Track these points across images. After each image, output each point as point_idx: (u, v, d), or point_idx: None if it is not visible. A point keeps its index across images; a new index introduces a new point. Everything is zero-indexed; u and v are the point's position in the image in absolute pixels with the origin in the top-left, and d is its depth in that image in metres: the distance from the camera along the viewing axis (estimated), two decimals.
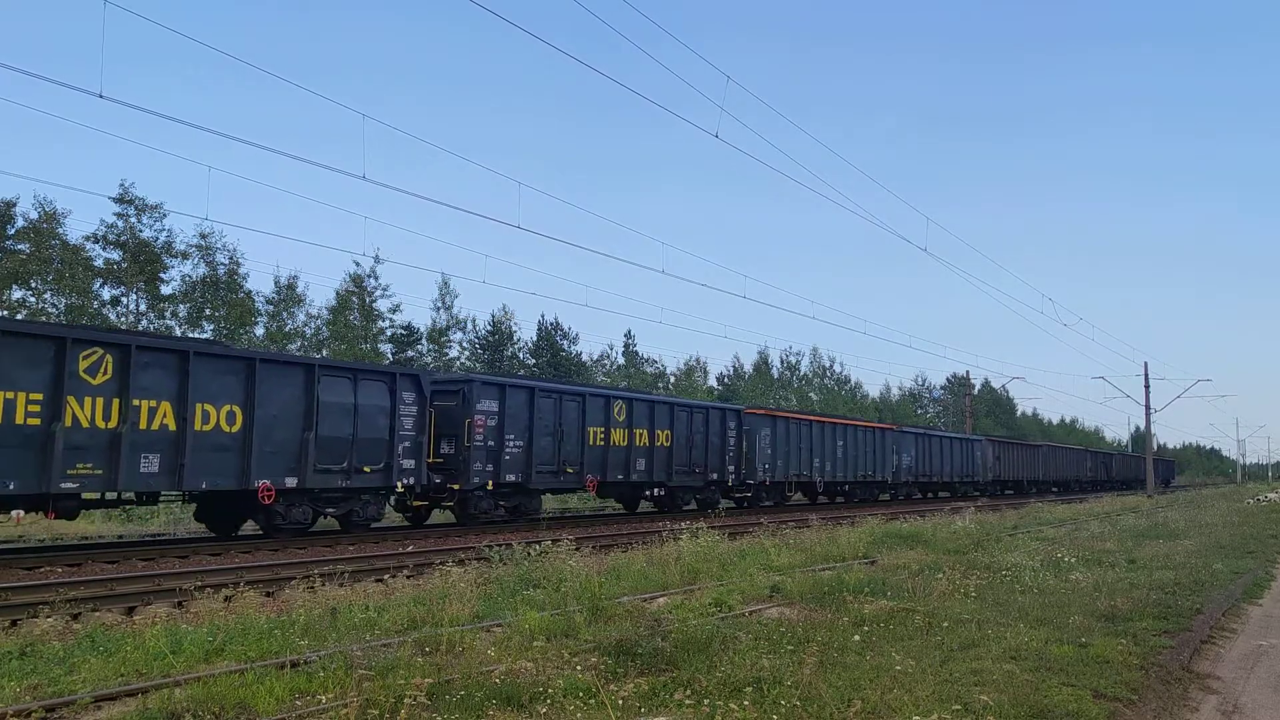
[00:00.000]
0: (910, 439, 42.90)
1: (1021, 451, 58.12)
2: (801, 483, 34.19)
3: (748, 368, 72.76)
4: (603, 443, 24.78)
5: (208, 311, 38.37)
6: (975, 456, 50.21)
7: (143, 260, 36.17)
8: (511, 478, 22.02)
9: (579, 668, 6.91)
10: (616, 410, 25.35)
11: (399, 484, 19.59)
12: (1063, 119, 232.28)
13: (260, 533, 18.53)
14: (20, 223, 33.85)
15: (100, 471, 14.76)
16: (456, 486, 20.95)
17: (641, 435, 26.17)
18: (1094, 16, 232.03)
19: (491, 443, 21.58)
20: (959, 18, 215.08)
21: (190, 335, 35.90)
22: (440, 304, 48.85)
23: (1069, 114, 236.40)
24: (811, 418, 36.18)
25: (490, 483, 21.52)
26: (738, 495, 31.49)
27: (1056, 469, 64.17)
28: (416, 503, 21.23)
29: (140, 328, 35.70)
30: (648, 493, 27.81)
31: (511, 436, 22.06)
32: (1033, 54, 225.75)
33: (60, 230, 34.35)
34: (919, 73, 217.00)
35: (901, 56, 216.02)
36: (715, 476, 29.22)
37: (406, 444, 19.70)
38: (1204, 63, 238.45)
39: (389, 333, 45.70)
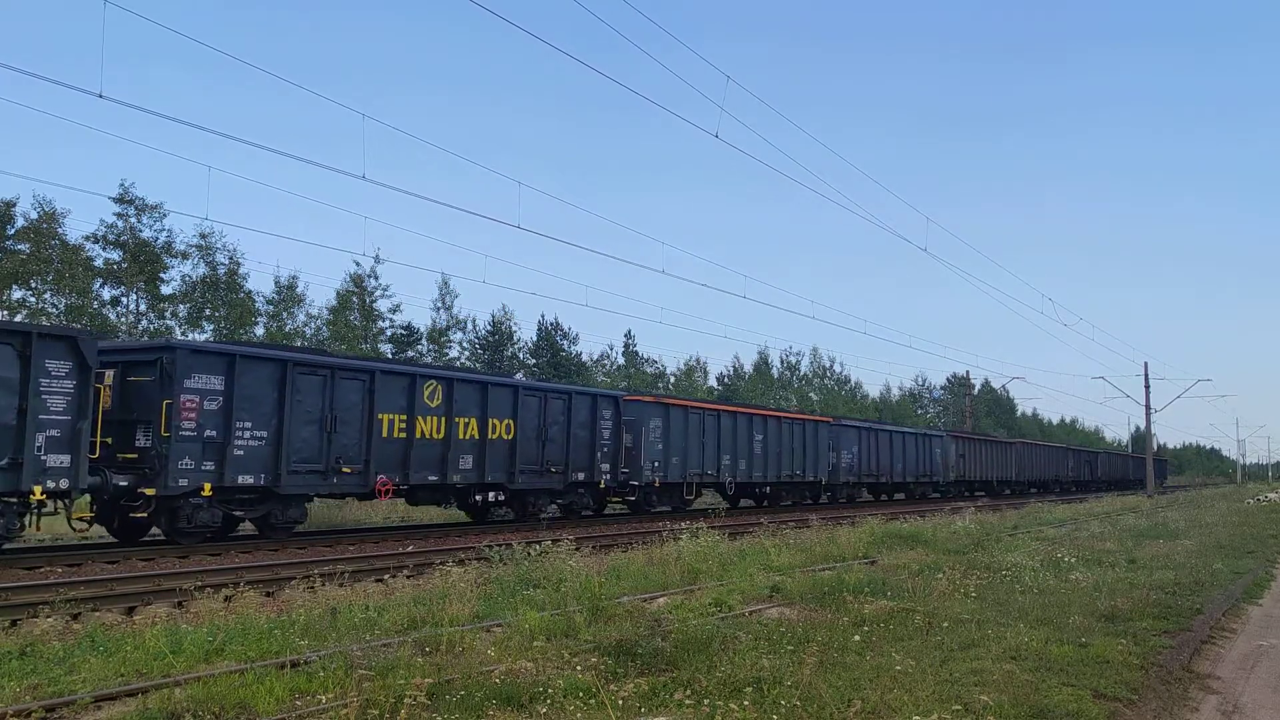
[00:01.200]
0: (852, 434, 37.93)
1: (990, 449, 52.36)
2: (708, 484, 29.71)
3: (748, 368, 72.80)
4: (404, 434, 19.45)
5: (208, 312, 38.41)
6: (934, 454, 44.69)
7: (143, 260, 36.19)
8: (248, 479, 16.81)
9: (579, 668, 6.91)
10: (427, 393, 20.04)
11: (38, 488, 14.00)
12: (1062, 119, 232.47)
13: (257, 533, 18.44)
14: (20, 223, 33.88)
15: None
16: (151, 491, 15.56)
17: (467, 425, 20.97)
18: (1093, 16, 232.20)
19: (212, 432, 16.25)
20: (959, 18, 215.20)
21: (188, 336, 35.98)
22: (440, 304, 48.90)
23: (1069, 114, 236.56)
24: (718, 407, 31.18)
25: (208, 485, 16.18)
26: (616, 499, 27.01)
27: (1032, 468, 58.98)
28: (79, 515, 15.30)
29: (140, 328, 35.76)
30: (479, 498, 21.92)
31: (247, 424, 16.76)
32: (1032, 54, 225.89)
33: (60, 230, 34.37)
34: (919, 73, 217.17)
35: (901, 57, 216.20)
36: (582, 477, 24.04)
37: (54, 433, 14.22)
38: (1204, 63, 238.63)
39: (389, 333, 45.74)
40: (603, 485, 25.12)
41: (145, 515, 16.15)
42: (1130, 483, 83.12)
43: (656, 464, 26.71)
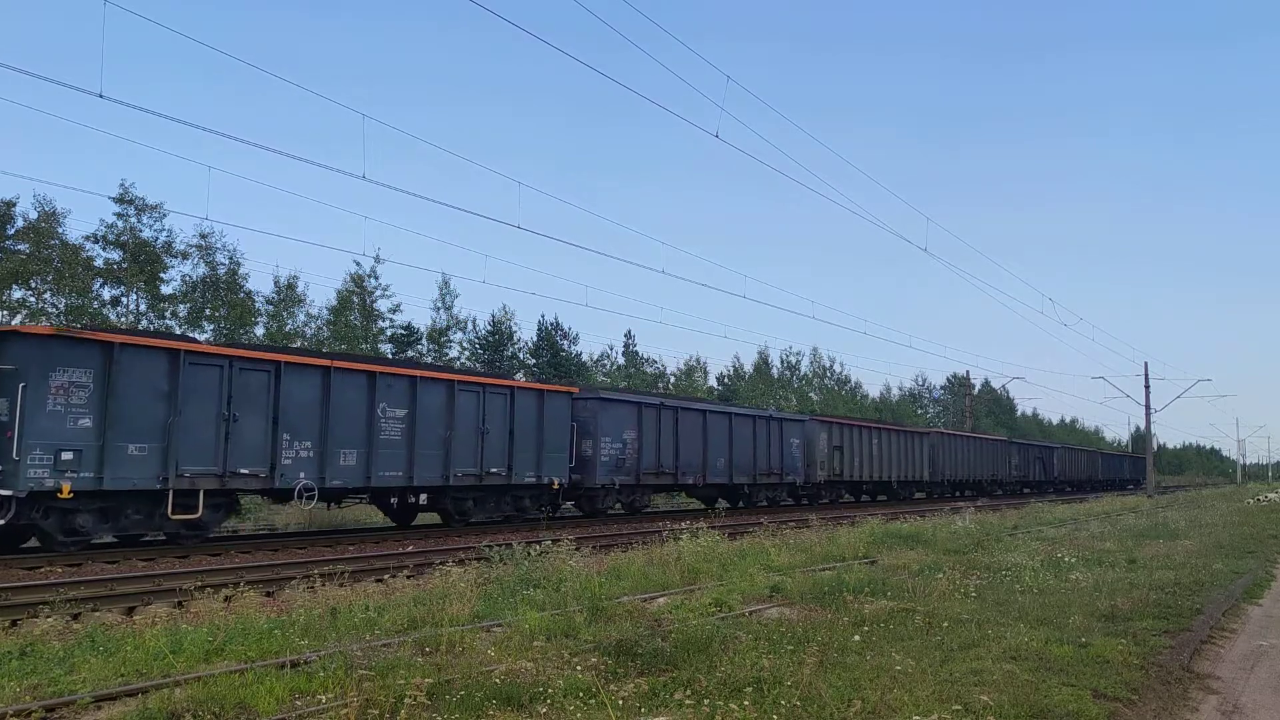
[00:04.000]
0: (624, 413, 25.54)
1: (886, 440, 39.79)
2: (242, 490, 17.52)
3: (748, 368, 72.80)
4: None
5: (208, 312, 38.44)
6: (789, 446, 32.75)
7: (143, 260, 36.23)
8: None
9: (579, 668, 6.91)
10: None
11: None
12: (1063, 119, 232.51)
13: (261, 532, 18.37)
14: (20, 223, 33.92)
15: None
16: None
17: None
18: (1094, 17, 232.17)
19: None
20: (960, 18, 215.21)
21: (190, 335, 36.00)
22: (440, 304, 48.96)
23: (1069, 114, 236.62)
24: (262, 355, 17.83)
25: None
26: None
27: (955, 466, 46.36)
28: None
29: (140, 328, 35.79)
30: None
31: None
32: (1033, 55, 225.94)
33: (60, 230, 34.42)
34: (920, 73, 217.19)
35: (902, 56, 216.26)
36: None
37: None
38: (1205, 63, 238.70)
39: (389, 333, 45.75)
40: None
41: None
42: (1102, 484, 74.29)
43: (71, 458, 14.73)
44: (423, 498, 21.02)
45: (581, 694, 6.26)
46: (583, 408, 24.87)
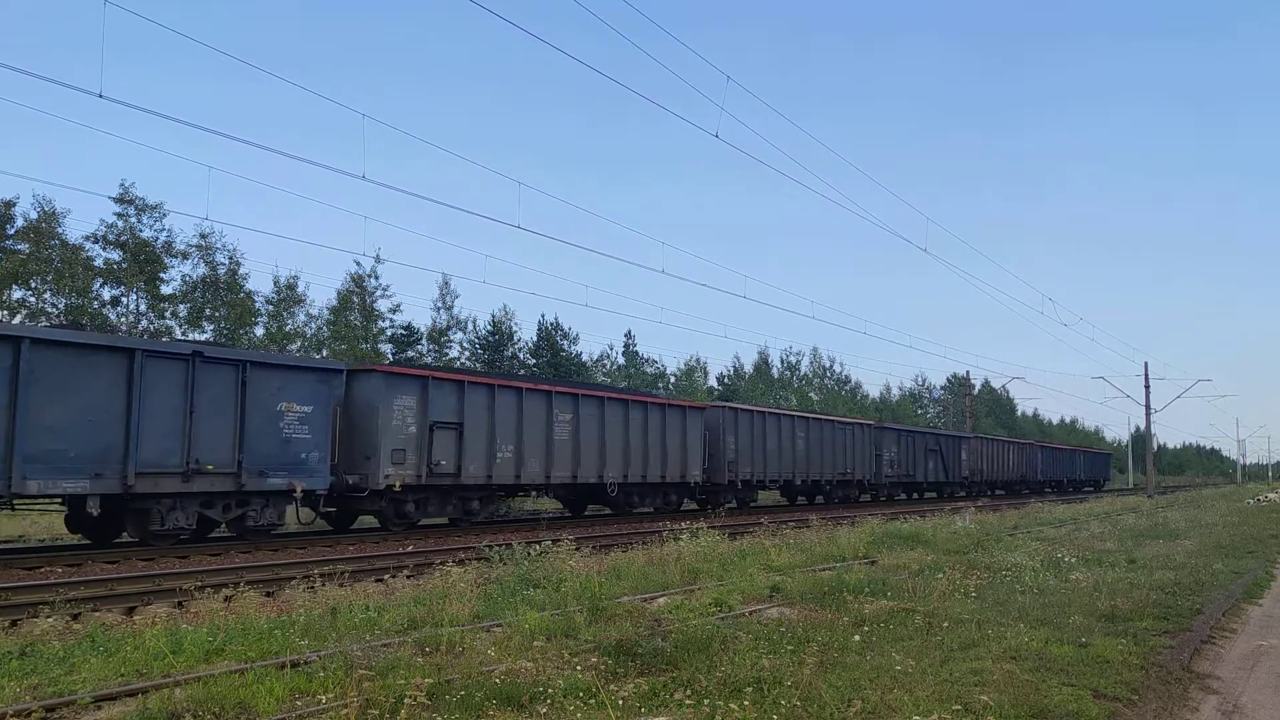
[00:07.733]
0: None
1: (597, 416, 24.77)
2: None
3: (748, 368, 72.84)
4: None
5: (208, 312, 38.45)
6: (286, 421, 17.72)
7: (143, 260, 36.23)
8: None
9: (579, 668, 6.91)
10: None
11: None
12: (1063, 113, 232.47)
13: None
14: (20, 222, 33.94)
15: None
16: None
17: None
18: (1093, 10, 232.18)
19: None
20: (959, 13, 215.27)
21: (190, 336, 35.97)
22: (440, 304, 49.01)
23: (1069, 108, 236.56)
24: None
25: None
26: None
27: (762, 462, 31.14)
28: None
29: (140, 328, 35.77)
30: None
31: None
32: (1032, 51, 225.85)
33: (60, 230, 34.44)
34: (919, 71, 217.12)
35: (901, 53, 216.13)
36: None
37: None
38: (1205, 56, 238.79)
39: (389, 333, 45.76)
40: None
41: None
42: (1042, 486, 58.93)
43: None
44: None
45: (581, 694, 6.26)
46: None
